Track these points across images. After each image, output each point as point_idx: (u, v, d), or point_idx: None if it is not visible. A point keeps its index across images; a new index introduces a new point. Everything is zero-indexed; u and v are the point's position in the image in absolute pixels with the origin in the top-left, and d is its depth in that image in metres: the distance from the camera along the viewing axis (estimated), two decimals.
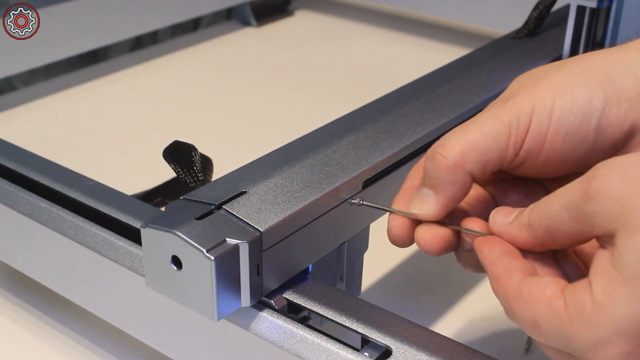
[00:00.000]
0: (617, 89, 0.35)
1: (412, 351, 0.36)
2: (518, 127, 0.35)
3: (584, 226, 0.31)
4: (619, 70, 0.35)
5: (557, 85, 0.36)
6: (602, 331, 0.28)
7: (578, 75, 0.36)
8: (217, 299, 0.36)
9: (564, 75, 0.36)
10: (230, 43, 1.07)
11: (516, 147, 0.36)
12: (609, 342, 0.28)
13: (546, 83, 0.36)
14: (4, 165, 0.52)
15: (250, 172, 0.42)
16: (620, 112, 0.35)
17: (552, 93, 0.35)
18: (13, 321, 0.55)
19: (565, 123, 0.35)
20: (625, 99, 0.35)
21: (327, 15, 1.16)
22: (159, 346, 0.45)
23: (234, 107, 0.87)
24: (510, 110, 0.36)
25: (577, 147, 0.35)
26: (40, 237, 0.48)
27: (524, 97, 0.36)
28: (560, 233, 0.32)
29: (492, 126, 0.36)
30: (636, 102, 0.35)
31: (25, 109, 0.87)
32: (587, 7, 0.58)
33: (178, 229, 0.36)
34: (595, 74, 0.36)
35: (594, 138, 0.35)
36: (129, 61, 1.00)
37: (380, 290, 0.57)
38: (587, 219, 0.30)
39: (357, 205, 0.42)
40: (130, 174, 0.73)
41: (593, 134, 0.35)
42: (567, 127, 0.35)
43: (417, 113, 0.49)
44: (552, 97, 0.35)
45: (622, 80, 0.35)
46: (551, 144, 0.35)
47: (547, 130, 0.35)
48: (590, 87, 0.35)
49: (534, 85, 0.36)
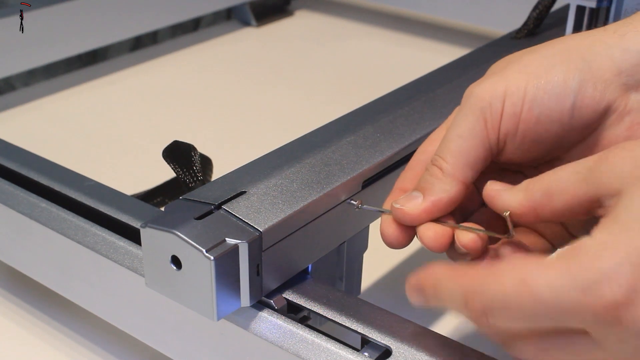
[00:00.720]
0: (593, 70, 0.35)
1: (412, 351, 0.36)
2: (491, 112, 0.36)
3: (589, 185, 0.30)
4: (595, 51, 0.35)
5: (531, 67, 0.36)
6: (605, 264, 0.27)
7: (552, 57, 0.36)
8: (216, 299, 0.36)
9: (538, 57, 0.36)
10: (230, 43, 1.07)
11: (494, 131, 0.36)
12: (613, 274, 0.27)
13: (518, 66, 0.36)
14: (4, 165, 0.52)
15: (249, 172, 0.42)
16: (596, 93, 0.35)
17: (525, 75, 0.36)
18: (13, 321, 0.55)
19: (540, 103, 0.35)
20: (601, 80, 0.35)
21: (327, 15, 1.16)
22: (159, 346, 0.45)
23: (234, 107, 0.87)
24: (483, 98, 0.36)
25: (551, 127, 0.35)
26: (40, 237, 0.48)
27: (495, 82, 0.36)
28: (559, 194, 0.31)
29: (466, 124, 0.36)
30: (612, 83, 0.35)
31: (24, 109, 0.87)
32: (587, 7, 0.58)
33: (178, 229, 0.36)
34: (571, 55, 0.36)
35: (569, 119, 0.35)
36: (129, 61, 1.00)
37: (380, 290, 0.57)
38: (595, 178, 0.29)
39: (355, 208, 0.42)
40: (130, 174, 0.73)
41: (568, 114, 0.35)
42: (542, 107, 0.35)
43: (417, 113, 0.49)
44: (525, 78, 0.35)
45: (598, 62, 0.35)
46: (526, 123, 0.35)
47: (521, 110, 0.35)
48: (566, 67, 0.35)
49: (505, 69, 0.37)
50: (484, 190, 0.35)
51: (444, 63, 0.59)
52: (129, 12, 0.96)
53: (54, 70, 0.94)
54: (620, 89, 0.35)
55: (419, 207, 0.36)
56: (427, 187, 0.37)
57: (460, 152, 0.36)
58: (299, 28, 1.12)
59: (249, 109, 0.87)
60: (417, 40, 1.07)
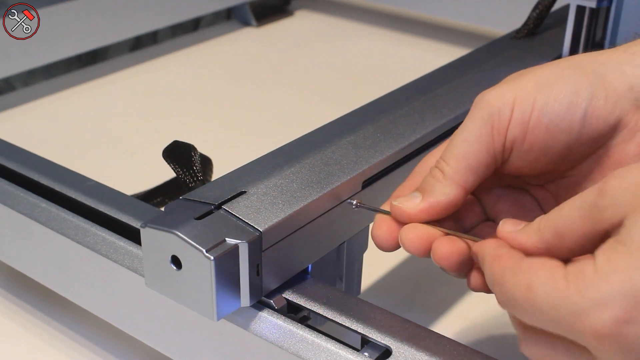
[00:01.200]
0: (605, 83, 0.35)
1: (412, 351, 0.36)
2: (499, 118, 0.36)
3: (593, 222, 0.30)
4: (607, 66, 0.36)
5: (543, 78, 0.36)
6: (597, 293, 0.28)
7: (565, 70, 0.36)
8: (216, 299, 0.36)
9: (550, 69, 0.36)
10: (230, 43, 1.07)
11: (500, 138, 0.36)
12: (602, 305, 0.27)
13: (530, 76, 0.36)
14: (4, 165, 0.52)
15: (249, 172, 0.42)
16: (608, 105, 0.35)
17: (536, 84, 0.36)
18: (13, 321, 0.55)
19: (550, 111, 0.35)
20: (613, 92, 0.35)
21: (327, 15, 1.16)
22: (159, 346, 0.45)
23: (233, 107, 0.87)
24: (492, 105, 0.36)
25: (560, 136, 0.35)
26: (40, 237, 0.48)
27: (505, 89, 0.36)
28: (569, 234, 0.31)
29: (472, 129, 0.36)
30: (623, 97, 0.35)
31: (24, 109, 0.87)
32: (587, 7, 0.58)
33: (178, 229, 0.36)
34: (584, 68, 0.36)
35: (579, 128, 0.35)
36: (129, 61, 1.00)
37: (380, 290, 0.57)
38: (598, 214, 0.30)
39: (354, 207, 0.42)
40: (130, 174, 0.73)
41: (579, 124, 0.35)
42: (552, 115, 0.35)
43: (417, 113, 0.49)
44: (536, 87, 0.36)
45: (610, 76, 0.35)
46: (534, 131, 0.35)
47: (530, 117, 0.35)
48: (578, 79, 0.35)
49: (517, 79, 0.37)
50: (497, 230, 0.35)
51: (444, 63, 0.59)
52: (129, 12, 0.96)
53: (53, 71, 0.94)
54: (632, 104, 0.35)
55: (417, 207, 0.37)
56: (427, 188, 0.37)
57: (463, 156, 0.36)
58: (299, 28, 1.12)
59: (249, 109, 0.87)
60: (417, 40, 1.07)
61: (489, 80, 0.55)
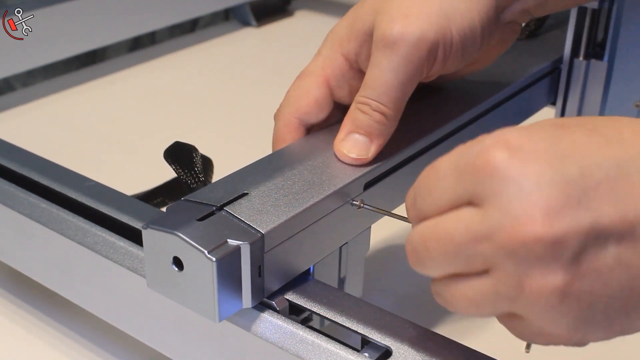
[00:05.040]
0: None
1: (412, 351, 0.36)
2: (428, 59, 0.42)
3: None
4: None
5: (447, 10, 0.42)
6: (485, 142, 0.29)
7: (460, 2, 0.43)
8: (218, 300, 0.36)
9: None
10: (229, 43, 1.07)
11: (429, 71, 0.43)
12: (491, 144, 0.29)
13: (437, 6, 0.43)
14: (4, 165, 0.52)
15: (251, 173, 0.42)
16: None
17: (446, 20, 0.42)
18: (13, 321, 0.54)
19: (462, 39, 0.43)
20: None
21: (327, 15, 1.16)
22: (160, 347, 0.45)
23: (234, 108, 0.87)
24: (420, 48, 0.42)
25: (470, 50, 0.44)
26: (40, 237, 0.48)
27: (422, 29, 0.42)
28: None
29: (407, 74, 0.42)
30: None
31: (24, 110, 0.87)
32: (589, 7, 0.58)
33: (179, 230, 0.36)
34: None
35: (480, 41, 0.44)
36: (128, 62, 1.00)
37: (380, 291, 0.57)
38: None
39: (357, 208, 0.42)
40: (130, 174, 0.73)
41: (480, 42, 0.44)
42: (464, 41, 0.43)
43: (418, 114, 0.49)
44: (447, 22, 0.42)
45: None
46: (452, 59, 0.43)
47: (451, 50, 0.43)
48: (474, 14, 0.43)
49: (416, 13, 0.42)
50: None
51: None
52: (128, 12, 0.96)
53: (53, 71, 0.94)
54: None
55: (371, 152, 0.42)
56: (373, 132, 0.42)
57: (403, 99, 0.42)
58: (299, 28, 1.12)
59: (250, 109, 0.87)
60: None
61: (489, 81, 0.55)
